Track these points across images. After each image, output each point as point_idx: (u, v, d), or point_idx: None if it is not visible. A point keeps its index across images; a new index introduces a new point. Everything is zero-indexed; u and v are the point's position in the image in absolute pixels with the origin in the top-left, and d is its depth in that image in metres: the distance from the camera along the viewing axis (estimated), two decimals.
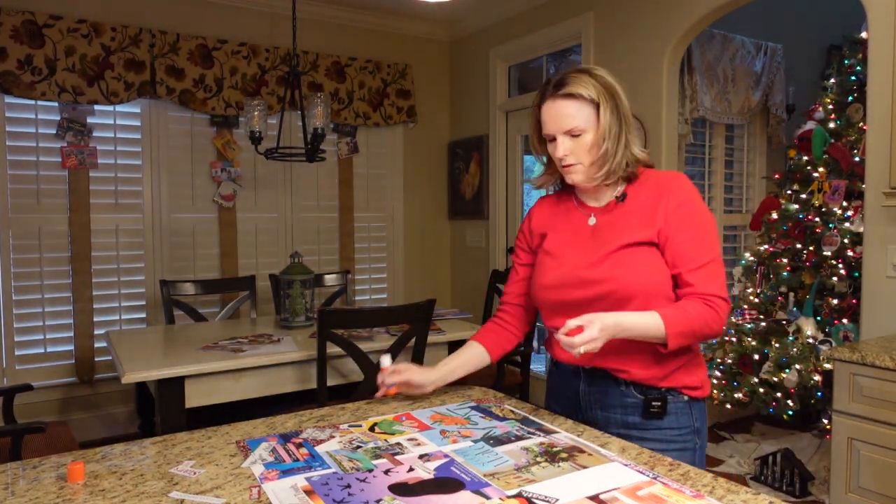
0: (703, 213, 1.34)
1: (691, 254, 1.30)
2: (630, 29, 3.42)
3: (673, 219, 1.31)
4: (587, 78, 1.34)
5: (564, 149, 1.34)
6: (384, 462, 1.12)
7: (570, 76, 1.34)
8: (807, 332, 3.02)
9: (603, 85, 1.34)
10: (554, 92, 1.35)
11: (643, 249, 1.32)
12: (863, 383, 2.02)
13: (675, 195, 1.33)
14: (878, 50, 2.38)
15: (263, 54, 4.05)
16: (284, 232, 4.29)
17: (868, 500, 2.02)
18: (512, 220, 4.47)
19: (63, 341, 3.62)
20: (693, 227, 1.32)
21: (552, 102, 1.35)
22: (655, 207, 1.34)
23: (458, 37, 4.79)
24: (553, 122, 1.35)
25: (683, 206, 1.32)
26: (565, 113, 1.33)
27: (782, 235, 3.28)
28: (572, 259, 1.39)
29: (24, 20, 3.37)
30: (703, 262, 1.30)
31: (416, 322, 2.47)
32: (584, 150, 1.34)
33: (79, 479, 1.05)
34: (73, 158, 3.56)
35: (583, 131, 1.33)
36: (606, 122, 1.33)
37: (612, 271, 1.32)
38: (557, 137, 1.35)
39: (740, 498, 0.98)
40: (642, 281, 1.30)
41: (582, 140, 1.34)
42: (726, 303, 1.30)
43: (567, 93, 1.33)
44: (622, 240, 1.33)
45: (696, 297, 1.28)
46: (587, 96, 1.32)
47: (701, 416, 1.38)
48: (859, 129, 3.00)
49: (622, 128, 1.35)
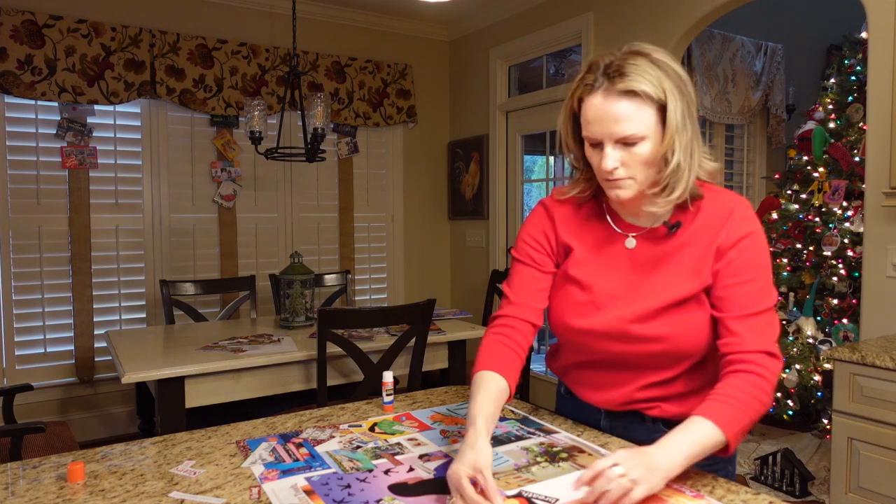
0: (764, 251, 1.12)
1: (743, 299, 1.08)
2: (630, 29, 3.42)
3: (729, 256, 1.10)
4: (650, 67, 1.04)
5: (615, 160, 1.06)
6: (384, 462, 1.12)
7: (628, 63, 1.04)
8: (807, 332, 3.02)
9: (671, 76, 1.05)
10: (607, 84, 1.05)
11: (701, 300, 1.12)
12: (863, 383, 2.02)
13: (736, 228, 1.10)
14: (878, 50, 2.38)
15: (263, 54, 4.05)
16: (284, 232, 4.29)
17: (868, 500, 2.02)
18: (512, 220, 4.47)
19: (63, 341, 3.62)
20: (750, 269, 1.10)
21: (604, 99, 1.05)
22: (712, 242, 1.11)
23: (458, 37, 4.79)
24: (601, 125, 1.06)
25: (743, 242, 1.10)
26: (620, 114, 1.04)
27: (782, 235, 3.28)
28: (612, 299, 1.16)
29: (24, 20, 3.37)
30: (755, 309, 1.08)
31: (416, 322, 2.47)
32: (641, 163, 1.07)
33: (79, 479, 1.05)
34: (73, 158, 3.56)
35: (641, 139, 1.05)
36: (675, 127, 1.04)
37: (666, 329, 1.12)
38: (606, 144, 1.07)
39: (740, 498, 0.98)
40: (702, 340, 1.12)
41: (639, 149, 1.06)
42: (777, 360, 1.07)
43: (626, 89, 1.03)
44: (676, 287, 1.12)
45: (742, 363, 1.05)
46: (653, 94, 1.03)
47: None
48: (859, 129, 3.00)
49: (695, 133, 1.08)
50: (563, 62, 4.28)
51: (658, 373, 1.17)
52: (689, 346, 1.12)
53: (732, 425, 1.00)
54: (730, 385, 1.04)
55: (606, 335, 1.16)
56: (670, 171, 1.06)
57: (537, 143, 4.51)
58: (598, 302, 1.17)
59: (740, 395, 1.03)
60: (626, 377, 1.20)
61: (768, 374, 1.05)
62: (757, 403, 1.03)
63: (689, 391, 1.16)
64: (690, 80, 1.10)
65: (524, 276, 1.25)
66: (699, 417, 1.01)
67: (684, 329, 1.11)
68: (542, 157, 4.70)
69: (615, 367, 1.20)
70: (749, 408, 1.03)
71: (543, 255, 1.25)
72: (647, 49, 1.08)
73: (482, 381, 1.14)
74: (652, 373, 1.17)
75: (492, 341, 1.21)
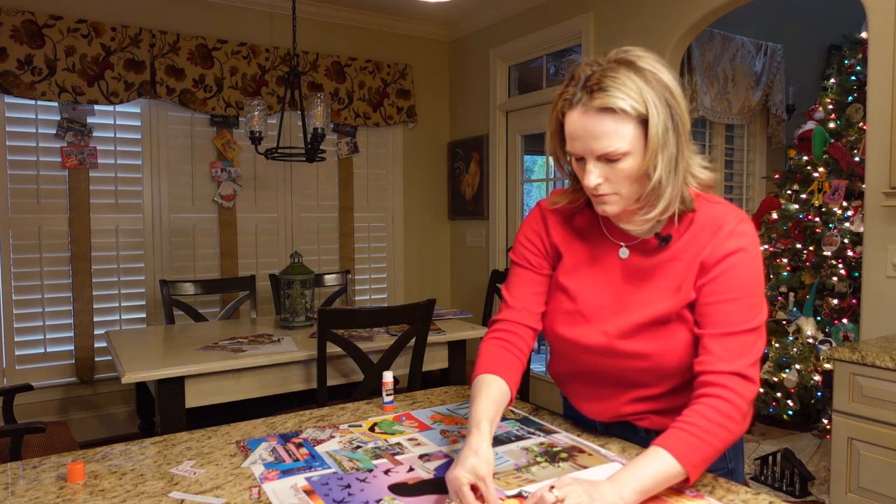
0: (753, 270, 1.06)
1: (722, 316, 1.04)
2: (630, 29, 3.42)
3: (714, 272, 1.05)
4: (633, 78, 0.99)
5: (597, 176, 1.03)
6: (384, 462, 1.12)
7: (608, 76, 0.99)
8: (807, 332, 3.02)
9: (654, 88, 0.99)
10: (585, 99, 1.00)
11: (685, 317, 1.08)
12: (863, 383, 2.02)
13: (723, 243, 1.06)
14: (878, 50, 2.38)
15: (263, 54, 4.05)
16: (284, 232, 4.29)
17: (868, 500, 2.02)
18: (512, 220, 4.47)
19: (63, 341, 3.61)
20: (735, 287, 1.04)
21: (582, 115, 1.01)
22: (696, 256, 1.07)
23: (458, 37, 4.79)
24: (581, 142, 1.02)
25: (731, 258, 1.05)
26: (599, 131, 1.00)
27: (782, 235, 3.28)
28: (599, 311, 1.14)
29: (25, 20, 3.37)
30: (734, 329, 1.02)
31: (416, 322, 2.47)
32: (624, 179, 1.03)
33: (79, 479, 1.05)
34: (73, 158, 3.56)
35: (624, 155, 1.00)
36: (658, 142, 0.99)
37: (647, 346, 1.09)
38: (588, 160, 1.03)
39: (740, 498, 0.98)
40: (685, 359, 1.08)
41: (622, 165, 1.01)
42: (750, 384, 1.00)
43: (603, 106, 0.99)
44: (658, 303, 1.09)
45: (710, 385, 1.01)
46: (631, 110, 0.98)
47: (736, 456, 1.20)
48: (859, 129, 3.00)
49: (680, 147, 1.02)
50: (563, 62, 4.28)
51: (644, 389, 1.15)
52: (672, 364, 1.09)
53: (692, 456, 0.95)
54: (694, 412, 0.99)
55: (591, 348, 1.14)
56: (650, 189, 1.02)
57: (537, 143, 4.51)
58: (585, 313, 1.15)
59: (704, 423, 0.97)
60: (612, 391, 1.19)
61: (737, 400, 0.99)
62: (723, 432, 0.98)
63: (679, 406, 1.10)
64: (681, 88, 1.03)
65: (522, 280, 1.23)
66: (658, 448, 0.96)
67: (666, 347, 1.08)
68: (542, 157, 4.70)
69: (602, 380, 1.19)
70: (714, 437, 0.97)
71: (539, 258, 1.23)
72: (633, 56, 1.02)
73: (484, 383, 1.12)
74: (638, 388, 1.15)
75: (492, 346, 1.19)
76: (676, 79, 1.03)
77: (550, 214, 1.23)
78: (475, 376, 1.16)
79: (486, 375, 1.14)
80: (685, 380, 1.10)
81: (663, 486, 0.95)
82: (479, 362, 1.18)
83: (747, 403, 1.01)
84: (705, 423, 0.97)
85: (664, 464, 0.94)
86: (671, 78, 1.02)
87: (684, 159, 1.04)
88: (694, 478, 0.97)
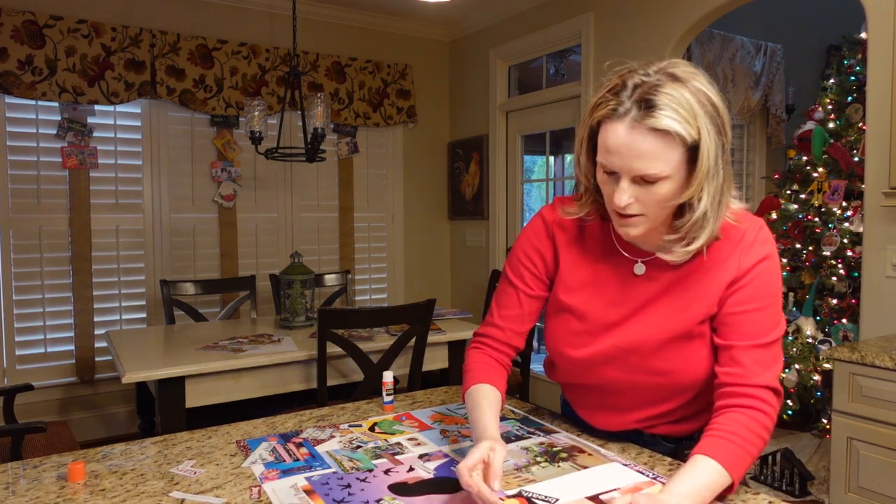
0: (777, 277, 1.04)
1: (751, 327, 1.01)
2: (630, 29, 3.42)
3: (742, 282, 1.03)
4: (688, 98, 0.90)
5: (629, 196, 0.95)
6: (384, 462, 1.12)
7: (661, 92, 0.90)
8: (806, 332, 3.02)
9: (708, 112, 0.92)
10: (636, 114, 0.91)
11: (704, 332, 1.06)
12: (862, 383, 2.02)
13: (751, 253, 1.03)
14: (877, 50, 2.38)
15: (263, 54, 4.05)
16: (284, 232, 4.29)
17: (868, 500, 2.02)
18: (512, 220, 4.47)
19: (63, 341, 3.62)
20: (762, 295, 1.02)
21: (629, 131, 0.92)
22: (723, 270, 1.03)
23: (458, 37, 4.79)
24: (621, 158, 0.93)
25: (758, 267, 1.02)
26: (644, 151, 0.91)
27: (782, 235, 3.29)
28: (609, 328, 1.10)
29: (25, 20, 3.37)
30: (763, 340, 1.00)
31: (416, 322, 2.47)
32: (656, 202, 0.95)
33: (79, 479, 1.06)
34: (73, 158, 3.56)
35: (663, 179, 0.93)
36: (706, 173, 0.92)
37: (672, 363, 1.07)
38: (622, 178, 0.95)
39: (740, 498, 0.98)
40: (703, 373, 1.06)
41: (658, 188, 0.94)
42: (780, 398, 1.01)
43: (656, 127, 0.90)
44: (684, 318, 1.05)
45: (746, 397, 0.99)
46: (686, 135, 0.90)
47: None
48: (859, 129, 3.01)
49: (726, 176, 0.96)
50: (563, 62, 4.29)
51: (659, 405, 1.14)
52: (690, 379, 1.07)
53: (738, 466, 0.94)
54: (735, 422, 0.97)
55: (605, 368, 1.12)
56: (694, 221, 0.96)
57: (537, 143, 4.51)
58: (597, 332, 1.11)
59: (747, 434, 0.96)
60: (624, 406, 1.17)
61: (772, 412, 0.99)
62: (761, 443, 0.98)
63: (688, 416, 1.13)
64: (728, 112, 0.96)
65: (512, 300, 1.20)
66: (705, 458, 0.93)
67: (687, 363, 1.06)
68: (542, 157, 4.70)
69: (611, 394, 1.17)
70: (754, 447, 0.97)
71: (536, 279, 1.18)
72: (686, 74, 0.93)
73: (482, 392, 1.13)
74: (653, 405, 1.14)
75: (480, 355, 1.21)
76: (724, 99, 0.97)
77: (559, 231, 1.16)
78: (469, 385, 1.16)
79: (483, 385, 1.15)
80: (700, 391, 1.09)
81: (714, 496, 0.93)
82: (471, 372, 1.18)
83: (776, 415, 1.01)
84: (748, 434, 0.97)
85: (715, 474, 0.92)
86: (719, 99, 0.95)
87: (728, 189, 0.99)
88: (736, 486, 0.96)
